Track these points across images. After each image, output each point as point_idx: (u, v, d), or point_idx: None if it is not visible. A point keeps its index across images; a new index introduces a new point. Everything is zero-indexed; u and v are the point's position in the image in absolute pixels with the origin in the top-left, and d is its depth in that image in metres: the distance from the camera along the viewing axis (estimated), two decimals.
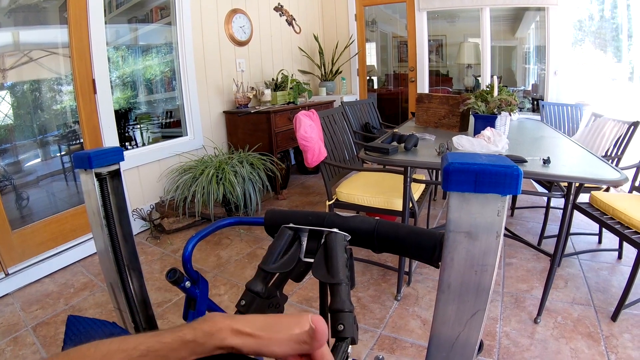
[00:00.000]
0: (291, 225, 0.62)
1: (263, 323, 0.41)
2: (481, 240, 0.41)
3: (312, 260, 0.58)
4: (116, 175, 0.77)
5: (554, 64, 4.19)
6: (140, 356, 0.37)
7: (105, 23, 2.66)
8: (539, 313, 1.74)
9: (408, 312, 1.85)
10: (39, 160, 2.60)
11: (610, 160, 2.25)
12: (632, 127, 2.27)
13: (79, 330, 0.43)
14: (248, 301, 0.54)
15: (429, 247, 0.55)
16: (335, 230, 0.59)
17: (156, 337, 0.38)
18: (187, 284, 0.76)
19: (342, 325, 0.47)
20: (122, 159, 0.77)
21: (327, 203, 2.16)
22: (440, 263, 0.49)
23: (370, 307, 1.90)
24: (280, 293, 0.59)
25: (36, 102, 2.51)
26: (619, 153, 2.33)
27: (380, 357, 0.74)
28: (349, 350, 0.48)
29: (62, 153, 2.71)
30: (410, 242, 0.57)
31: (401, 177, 1.81)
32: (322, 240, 0.59)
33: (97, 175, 0.73)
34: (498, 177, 0.39)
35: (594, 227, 2.54)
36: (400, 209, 1.92)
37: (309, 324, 0.39)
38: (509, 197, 0.40)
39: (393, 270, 2.19)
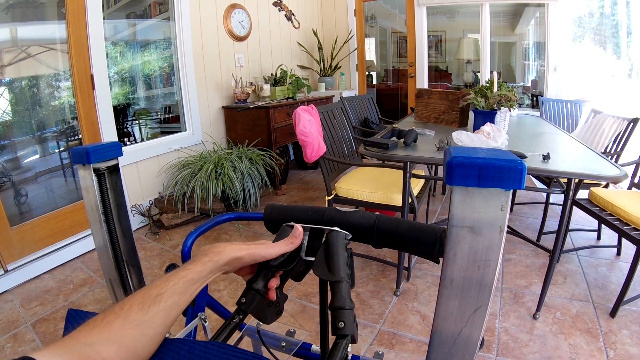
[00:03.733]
0: (292, 224, 0.61)
1: (246, 243, 0.55)
2: (484, 235, 0.40)
3: (312, 259, 0.58)
4: (114, 170, 0.77)
5: (554, 60, 4.18)
6: (182, 284, 0.49)
7: (104, 18, 2.64)
8: (538, 309, 1.75)
9: (407, 307, 1.85)
10: (37, 156, 2.59)
11: (610, 157, 2.25)
12: (632, 123, 2.27)
13: (79, 324, 0.43)
14: (249, 299, 0.54)
15: (429, 243, 0.55)
16: (336, 229, 0.58)
17: (190, 269, 0.50)
18: None
19: (342, 323, 0.47)
20: (121, 154, 0.77)
21: (327, 198, 2.16)
22: (441, 258, 0.49)
23: (370, 302, 1.90)
24: (281, 292, 0.59)
25: (34, 99, 2.49)
26: (618, 149, 2.33)
27: (380, 352, 0.74)
28: (348, 349, 0.48)
29: (61, 149, 2.69)
30: (410, 237, 0.57)
31: (400, 172, 1.81)
32: (323, 239, 0.59)
33: (96, 170, 0.72)
34: (502, 172, 0.39)
35: (593, 223, 2.55)
36: (400, 205, 1.92)
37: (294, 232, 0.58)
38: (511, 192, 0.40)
39: (392, 266, 2.20)
